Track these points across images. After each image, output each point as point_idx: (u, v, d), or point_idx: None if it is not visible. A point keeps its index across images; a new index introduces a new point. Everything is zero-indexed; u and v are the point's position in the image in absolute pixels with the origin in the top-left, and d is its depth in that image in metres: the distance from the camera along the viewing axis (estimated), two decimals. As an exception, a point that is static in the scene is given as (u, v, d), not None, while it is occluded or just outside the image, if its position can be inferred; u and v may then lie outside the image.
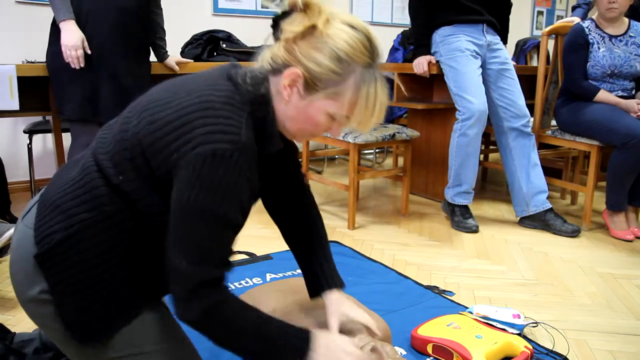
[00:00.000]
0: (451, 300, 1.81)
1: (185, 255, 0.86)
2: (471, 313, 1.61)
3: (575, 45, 2.60)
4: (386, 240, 2.46)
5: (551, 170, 3.23)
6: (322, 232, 1.23)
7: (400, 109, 3.80)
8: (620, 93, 2.58)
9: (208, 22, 3.76)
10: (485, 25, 2.62)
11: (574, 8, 3.46)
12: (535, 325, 1.64)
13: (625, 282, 2.01)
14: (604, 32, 2.59)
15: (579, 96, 2.63)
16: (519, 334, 1.54)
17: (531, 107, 2.78)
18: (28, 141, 2.87)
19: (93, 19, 2.10)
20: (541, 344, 1.54)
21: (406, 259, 2.22)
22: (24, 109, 2.40)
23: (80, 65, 2.07)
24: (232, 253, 0.93)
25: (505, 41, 2.78)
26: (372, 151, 4.45)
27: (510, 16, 2.82)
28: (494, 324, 1.55)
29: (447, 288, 1.93)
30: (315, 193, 3.30)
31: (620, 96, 2.57)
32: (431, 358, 1.45)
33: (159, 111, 0.90)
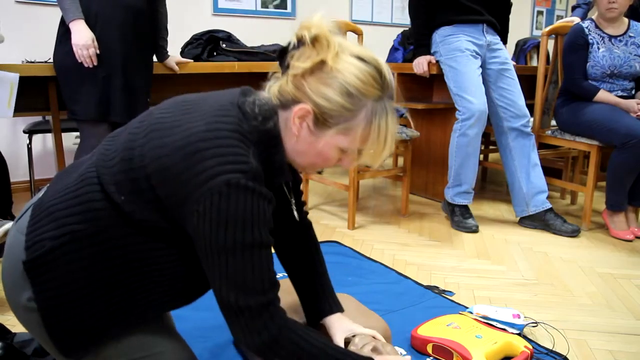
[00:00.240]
0: (451, 300, 1.81)
1: (232, 290, 0.85)
2: (471, 313, 1.61)
3: (575, 46, 2.60)
4: (386, 240, 2.46)
5: (551, 170, 3.23)
6: (322, 269, 1.25)
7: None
8: (620, 93, 2.59)
9: (208, 22, 3.77)
10: (485, 25, 2.62)
11: (574, 8, 3.47)
12: (535, 325, 1.64)
13: (625, 282, 2.01)
14: (604, 32, 2.59)
15: (579, 96, 2.63)
16: (518, 334, 1.54)
17: (531, 107, 2.78)
18: (28, 141, 2.87)
19: (102, 20, 2.10)
20: (541, 344, 1.54)
21: (406, 259, 2.22)
22: (24, 109, 2.40)
23: (94, 63, 2.07)
24: (273, 270, 0.90)
25: (505, 41, 2.78)
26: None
27: (510, 16, 2.82)
28: (494, 323, 1.55)
29: (447, 288, 1.93)
30: (315, 193, 3.31)
31: (620, 96, 2.57)
32: (431, 358, 1.45)
33: (166, 135, 0.88)
